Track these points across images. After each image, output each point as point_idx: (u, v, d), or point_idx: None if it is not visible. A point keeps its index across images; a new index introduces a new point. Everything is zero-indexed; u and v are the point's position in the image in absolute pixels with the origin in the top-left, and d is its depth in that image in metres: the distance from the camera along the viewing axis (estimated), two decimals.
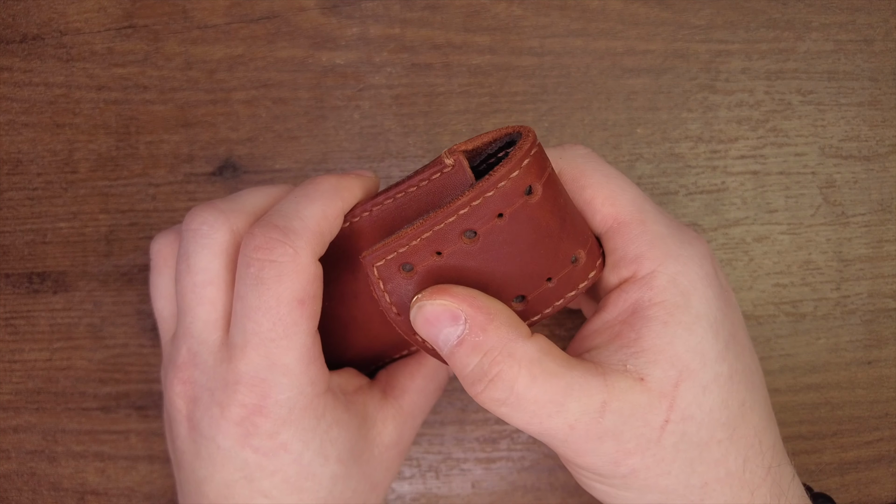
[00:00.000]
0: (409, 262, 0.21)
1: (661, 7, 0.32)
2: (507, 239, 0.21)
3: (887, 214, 0.33)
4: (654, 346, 0.21)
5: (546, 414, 0.20)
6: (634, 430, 0.21)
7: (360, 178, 0.24)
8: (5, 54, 0.32)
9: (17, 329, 0.32)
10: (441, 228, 0.20)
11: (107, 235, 0.32)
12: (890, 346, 0.32)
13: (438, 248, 0.21)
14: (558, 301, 0.22)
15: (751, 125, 0.32)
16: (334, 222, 0.23)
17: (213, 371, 0.23)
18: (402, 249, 0.21)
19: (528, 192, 0.20)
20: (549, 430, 0.21)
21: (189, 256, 0.23)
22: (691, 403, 0.21)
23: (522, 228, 0.21)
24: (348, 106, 0.32)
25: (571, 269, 0.22)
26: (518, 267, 0.21)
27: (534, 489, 0.32)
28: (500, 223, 0.20)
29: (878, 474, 0.32)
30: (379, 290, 0.22)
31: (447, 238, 0.21)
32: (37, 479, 0.32)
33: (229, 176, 0.32)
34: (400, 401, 0.26)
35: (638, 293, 0.22)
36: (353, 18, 0.32)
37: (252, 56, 0.32)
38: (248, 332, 0.22)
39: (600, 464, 0.21)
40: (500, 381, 0.20)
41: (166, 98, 0.32)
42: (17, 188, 0.32)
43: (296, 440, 0.23)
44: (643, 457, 0.21)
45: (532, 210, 0.20)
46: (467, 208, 0.20)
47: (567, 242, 0.21)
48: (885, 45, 0.33)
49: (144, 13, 0.32)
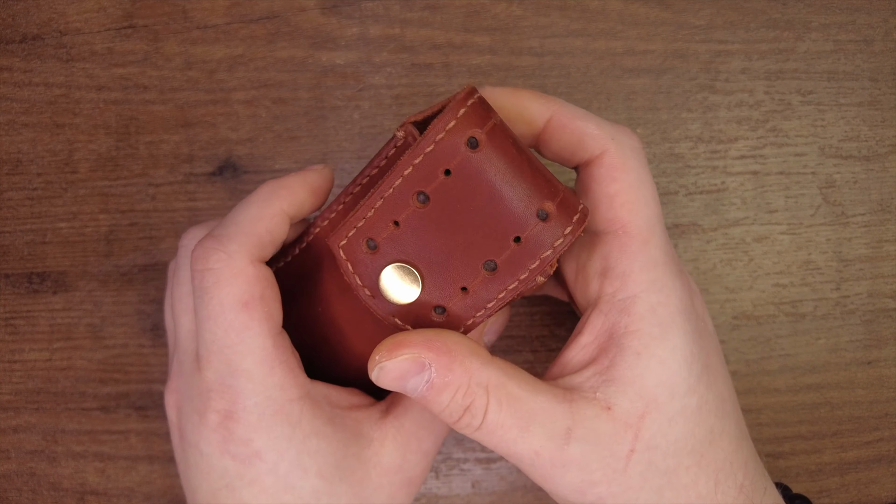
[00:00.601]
0: (371, 238, 0.21)
1: (661, 7, 0.32)
2: (460, 196, 0.20)
3: (887, 214, 0.33)
4: (624, 376, 0.21)
5: (512, 439, 0.21)
6: (600, 459, 0.21)
7: (302, 175, 0.24)
8: (5, 54, 0.32)
9: (17, 329, 0.32)
10: (391, 194, 0.20)
11: (107, 235, 0.32)
12: (889, 346, 0.32)
13: (394, 216, 0.21)
14: (533, 262, 0.21)
15: (750, 125, 0.32)
16: (273, 221, 0.23)
17: (190, 380, 0.23)
18: (360, 224, 0.21)
19: (471, 145, 0.19)
20: (516, 454, 0.21)
21: (178, 270, 0.25)
22: (656, 434, 0.21)
23: (473, 184, 0.20)
24: (348, 106, 0.32)
25: (541, 226, 0.20)
26: (479, 227, 0.20)
27: (534, 489, 0.32)
28: (450, 181, 0.20)
29: (877, 474, 0.32)
30: (349, 273, 0.22)
31: (400, 204, 0.20)
32: (37, 479, 0.32)
33: (229, 176, 0.32)
34: (401, 419, 0.25)
35: (616, 317, 0.22)
36: (353, 18, 0.32)
37: (252, 56, 0.32)
38: (207, 341, 0.22)
39: (567, 492, 0.21)
40: (473, 410, 0.21)
41: (166, 98, 0.32)
42: (17, 188, 0.32)
43: (269, 448, 0.22)
44: (609, 486, 0.21)
45: (479, 163, 0.19)
46: (410, 167, 0.20)
47: (529, 196, 0.20)
48: (885, 45, 0.33)
49: (144, 13, 0.32)
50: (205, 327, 0.22)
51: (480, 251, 0.21)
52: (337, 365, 0.26)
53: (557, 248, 0.20)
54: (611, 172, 0.22)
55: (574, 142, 0.23)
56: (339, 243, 0.21)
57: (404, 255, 0.21)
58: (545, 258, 0.21)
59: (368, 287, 0.22)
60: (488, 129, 0.20)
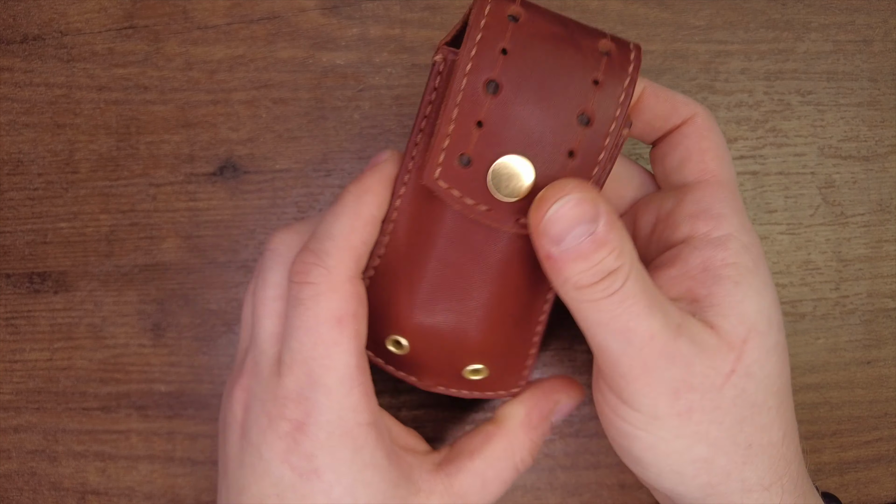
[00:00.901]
0: (462, 153, 0.21)
1: (661, 8, 0.32)
2: (526, 67, 0.20)
3: (886, 214, 0.33)
4: (724, 302, 0.22)
5: (636, 313, 0.20)
6: (703, 366, 0.21)
7: (379, 172, 0.24)
8: (6, 55, 0.32)
9: (18, 329, 0.32)
10: (463, 97, 0.20)
11: (107, 235, 0.32)
12: (889, 346, 0.33)
13: (475, 117, 0.20)
14: (620, 96, 0.21)
15: (750, 125, 0.32)
16: (365, 230, 0.23)
17: (267, 383, 0.23)
18: (445, 144, 0.21)
19: (513, 19, 0.20)
20: (633, 329, 0.21)
21: (265, 272, 0.25)
22: (755, 362, 0.22)
23: (532, 50, 0.20)
24: (348, 106, 0.32)
25: (607, 62, 0.21)
26: (556, 86, 0.20)
27: (533, 489, 0.32)
28: (510, 59, 0.20)
29: (877, 474, 0.32)
30: (457, 200, 0.21)
31: (475, 102, 0.20)
32: (37, 478, 0.32)
33: (230, 176, 0.32)
34: (452, 479, 0.24)
35: (711, 252, 0.22)
36: (354, 19, 0.32)
37: (252, 56, 0.32)
38: (294, 350, 0.22)
39: (661, 391, 0.21)
40: (618, 274, 0.20)
41: (167, 98, 0.32)
42: (18, 188, 0.32)
43: (329, 469, 0.22)
44: (703, 397, 0.21)
45: (528, 28, 0.20)
46: (469, 62, 0.20)
47: (585, 40, 0.21)
48: (885, 45, 0.33)
49: (145, 13, 0.32)
50: (295, 336, 0.22)
51: (568, 107, 0.21)
52: (472, 309, 0.24)
53: (631, 80, 0.21)
54: (702, 131, 0.25)
55: (668, 108, 0.25)
56: (433, 176, 0.21)
57: (500, 150, 0.21)
58: (627, 89, 0.21)
59: (482, 201, 0.21)
60: (520, 2, 0.21)
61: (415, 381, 0.26)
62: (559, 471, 0.32)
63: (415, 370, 0.25)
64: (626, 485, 0.32)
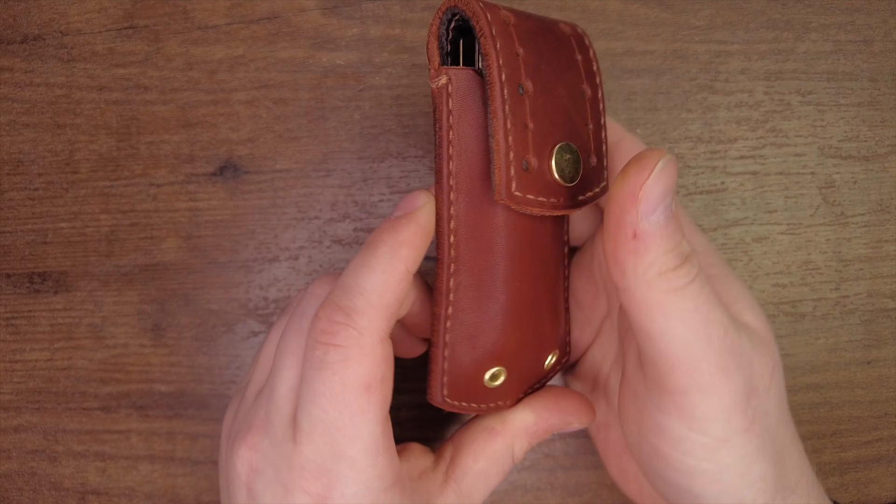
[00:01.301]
0: (523, 159, 0.21)
1: (661, 8, 0.32)
2: (538, 61, 0.21)
3: (886, 214, 0.33)
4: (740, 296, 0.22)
5: (714, 302, 0.19)
6: (759, 366, 0.20)
7: (414, 221, 0.21)
8: (6, 55, 0.32)
9: (18, 329, 0.32)
10: (509, 108, 0.20)
11: (108, 235, 0.32)
12: (889, 346, 0.33)
13: (524, 121, 0.20)
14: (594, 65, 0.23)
15: (750, 125, 0.32)
16: (399, 287, 0.21)
17: (280, 447, 0.22)
18: (511, 155, 0.20)
19: (506, 23, 0.21)
20: (712, 321, 0.19)
21: (300, 317, 0.23)
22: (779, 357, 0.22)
23: (534, 45, 0.21)
24: (349, 106, 0.32)
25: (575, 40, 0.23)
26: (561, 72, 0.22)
27: (534, 489, 0.32)
28: (527, 60, 0.21)
29: (877, 474, 0.32)
30: (539, 204, 0.21)
31: (520, 108, 0.20)
32: (37, 478, 0.32)
33: (230, 176, 0.32)
34: (460, 483, 0.24)
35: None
36: (354, 19, 0.32)
37: (253, 57, 0.32)
38: (314, 417, 0.21)
39: (736, 399, 0.20)
40: (694, 260, 0.19)
41: (167, 98, 0.32)
42: (18, 188, 0.32)
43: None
44: (759, 403, 0.20)
45: (521, 28, 0.21)
46: (503, 72, 0.20)
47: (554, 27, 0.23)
48: (885, 45, 0.33)
49: (145, 14, 0.32)
50: (316, 403, 0.21)
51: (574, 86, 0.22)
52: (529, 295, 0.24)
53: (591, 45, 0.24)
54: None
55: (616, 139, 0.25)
56: (511, 190, 0.20)
57: (552, 142, 0.21)
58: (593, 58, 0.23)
59: (552, 194, 0.21)
60: (504, 7, 0.21)
61: (508, 404, 0.25)
62: (559, 471, 0.32)
63: (506, 394, 0.24)
64: None
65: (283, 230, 0.32)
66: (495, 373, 0.23)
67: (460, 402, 0.23)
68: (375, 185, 0.32)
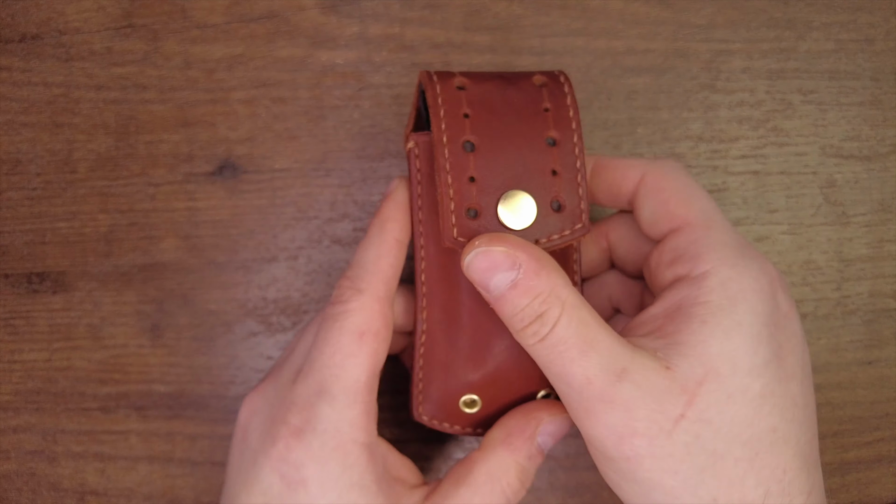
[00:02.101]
0: (468, 207, 0.23)
1: (662, 6, 0.32)
2: (490, 118, 0.23)
3: (888, 214, 0.33)
4: (687, 341, 0.21)
5: (570, 358, 0.21)
6: (648, 411, 0.20)
7: (393, 199, 0.26)
8: (4, 54, 0.32)
9: (17, 329, 0.32)
10: (450, 164, 0.23)
11: (106, 235, 0.32)
12: (891, 347, 0.32)
13: (467, 174, 0.23)
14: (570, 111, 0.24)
15: (751, 125, 0.32)
16: (391, 254, 0.25)
17: (282, 390, 0.24)
18: (452, 207, 0.23)
19: (461, 88, 0.24)
20: (569, 375, 0.21)
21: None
22: (711, 406, 0.20)
23: (487, 104, 0.23)
24: (348, 105, 0.32)
25: (548, 91, 0.24)
26: (519, 125, 0.23)
27: (533, 489, 0.32)
28: (474, 119, 0.23)
29: (878, 474, 0.32)
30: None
31: (462, 163, 0.23)
32: (36, 479, 0.32)
33: (229, 176, 0.32)
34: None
35: (686, 290, 0.22)
36: (353, 18, 0.32)
37: (251, 55, 0.32)
38: (313, 358, 0.24)
39: (605, 434, 0.21)
40: (544, 319, 0.21)
41: (165, 98, 0.32)
42: (17, 188, 0.32)
43: (315, 482, 0.22)
44: (651, 443, 0.20)
45: (476, 90, 0.24)
46: (445, 134, 0.23)
47: (522, 82, 0.24)
48: (887, 44, 0.33)
49: (143, 12, 0.32)
50: (316, 346, 0.24)
51: (534, 137, 0.24)
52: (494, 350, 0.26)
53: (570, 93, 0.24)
54: (656, 184, 0.25)
55: (617, 177, 0.26)
56: (453, 236, 0.23)
57: (498, 192, 0.23)
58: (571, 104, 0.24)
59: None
60: (459, 74, 0.24)
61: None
62: (560, 471, 0.32)
63: (492, 422, 0.26)
64: None
65: (282, 230, 0.32)
66: (469, 400, 0.26)
67: (441, 422, 0.26)
68: (375, 185, 0.32)
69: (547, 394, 0.26)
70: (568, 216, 0.24)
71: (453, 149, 0.23)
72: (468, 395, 0.26)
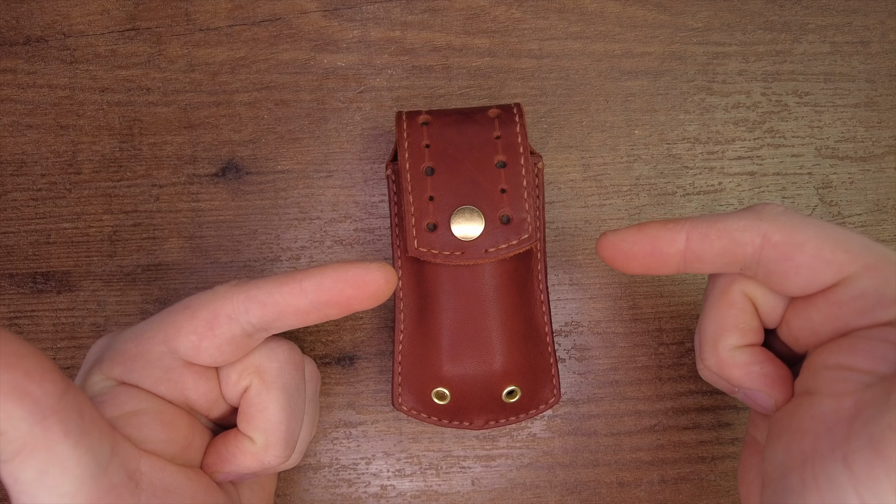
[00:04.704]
0: (428, 221, 0.27)
1: (659, 10, 0.33)
2: (446, 147, 0.27)
3: (883, 215, 0.33)
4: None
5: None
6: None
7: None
8: (9, 56, 0.33)
9: (22, 329, 0.32)
10: (412, 186, 0.27)
11: (110, 236, 0.32)
12: None
13: (426, 194, 0.27)
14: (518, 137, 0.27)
15: (747, 126, 0.33)
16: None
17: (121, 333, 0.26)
18: (413, 222, 0.27)
19: (425, 124, 0.28)
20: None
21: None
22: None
23: (445, 136, 0.27)
24: (349, 108, 0.32)
25: (499, 121, 0.28)
26: (472, 151, 0.27)
27: (533, 486, 0.32)
28: (433, 149, 0.27)
29: None
30: (439, 256, 0.27)
31: (422, 185, 0.27)
32: None
33: (232, 177, 0.32)
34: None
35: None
36: (354, 21, 0.32)
37: (254, 58, 0.32)
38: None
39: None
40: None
41: (169, 100, 0.32)
42: (22, 189, 0.33)
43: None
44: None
45: (437, 124, 0.28)
46: (408, 161, 0.27)
47: (478, 115, 0.28)
48: (882, 46, 0.33)
49: (147, 16, 0.32)
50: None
51: (484, 160, 0.27)
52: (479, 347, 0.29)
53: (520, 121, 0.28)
54: (793, 240, 0.21)
55: (726, 243, 0.22)
56: (414, 246, 0.27)
57: (451, 208, 0.27)
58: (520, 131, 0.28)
59: (455, 248, 0.27)
60: (425, 112, 0.28)
61: (467, 425, 0.29)
62: (558, 468, 0.32)
63: (462, 414, 0.29)
64: (624, 483, 0.32)
65: (284, 230, 0.32)
66: (440, 393, 0.29)
67: (418, 413, 0.29)
68: (376, 186, 0.32)
69: (511, 390, 0.29)
70: (514, 228, 0.27)
71: (415, 174, 0.27)
72: (439, 388, 0.28)
